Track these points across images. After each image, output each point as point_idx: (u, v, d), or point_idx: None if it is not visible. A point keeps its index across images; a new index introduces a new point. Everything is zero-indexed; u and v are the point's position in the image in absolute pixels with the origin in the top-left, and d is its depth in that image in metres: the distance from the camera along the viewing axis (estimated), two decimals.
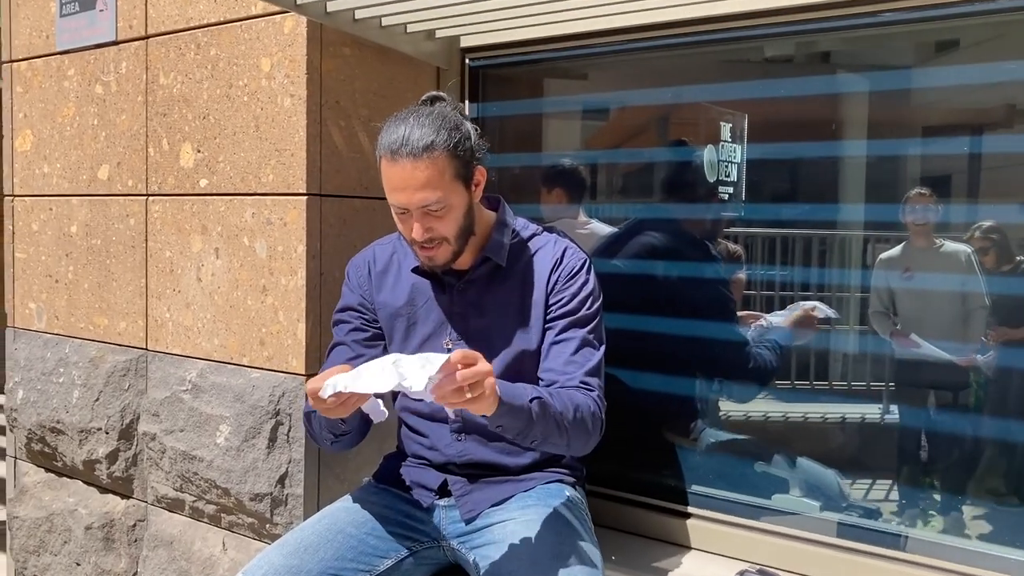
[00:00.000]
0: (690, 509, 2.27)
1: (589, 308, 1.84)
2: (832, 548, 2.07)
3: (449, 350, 1.84)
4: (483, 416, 1.55)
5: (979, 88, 2.01)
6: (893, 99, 2.14)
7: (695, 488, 2.29)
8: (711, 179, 2.31)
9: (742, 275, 2.32)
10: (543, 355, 1.83)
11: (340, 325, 1.98)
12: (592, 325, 1.84)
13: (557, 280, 1.85)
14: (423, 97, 1.82)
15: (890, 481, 2.17)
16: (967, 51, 2.05)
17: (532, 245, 1.90)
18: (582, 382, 1.77)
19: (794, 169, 2.30)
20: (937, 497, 2.10)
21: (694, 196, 2.37)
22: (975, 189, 2.08)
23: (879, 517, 2.12)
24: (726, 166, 2.32)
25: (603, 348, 1.85)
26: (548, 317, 1.85)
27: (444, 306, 1.89)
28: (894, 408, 2.18)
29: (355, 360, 1.89)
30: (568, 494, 1.90)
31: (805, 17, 2.06)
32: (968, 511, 2.04)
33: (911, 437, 2.16)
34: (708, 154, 2.30)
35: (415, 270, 1.92)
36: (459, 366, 1.43)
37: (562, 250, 1.88)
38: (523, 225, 1.93)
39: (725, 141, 2.30)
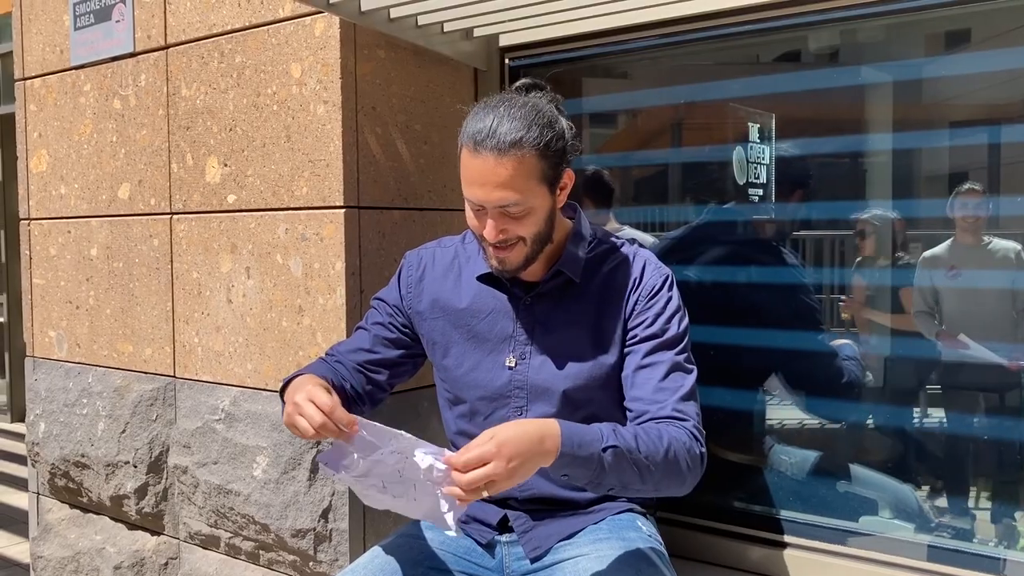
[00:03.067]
0: (763, 534, 2.11)
1: (676, 327, 1.66)
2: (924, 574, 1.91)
3: (511, 368, 1.70)
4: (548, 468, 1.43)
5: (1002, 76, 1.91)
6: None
7: (771, 511, 2.13)
8: (754, 177, 2.18)
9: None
10: (628, 383, 1.65)
11: (372, 311, 1.88)
12: (681, 346, 1.65)
13: (638, 301, 1.67)
14: (518, 83, 1.65)
15: (976, 496, 2.03)
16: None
17: (609, 260, 1.72)
18: (675, 410, 1.58)
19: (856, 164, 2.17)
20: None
21: (764, 196, 2.23)
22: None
23: (972, 538, 1.96)
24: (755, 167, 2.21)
25: (695, 372, 1.66)
26: (629, 341, 1.67)
27: (509, 320, 1.72)
28: (977, 416, 2.04)
29: (369, 354, 1.81)
30: (641, 524, 1.74)
31: (856, 1, 1.95)
32: None
33: (1006, 448, 2.01)
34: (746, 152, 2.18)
35: (481, 278, 1.75)
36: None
37: (641, 266, 1.70)
38: (600, 236, 1.76)
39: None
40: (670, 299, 1.67)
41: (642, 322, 1.65)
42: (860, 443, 2.21)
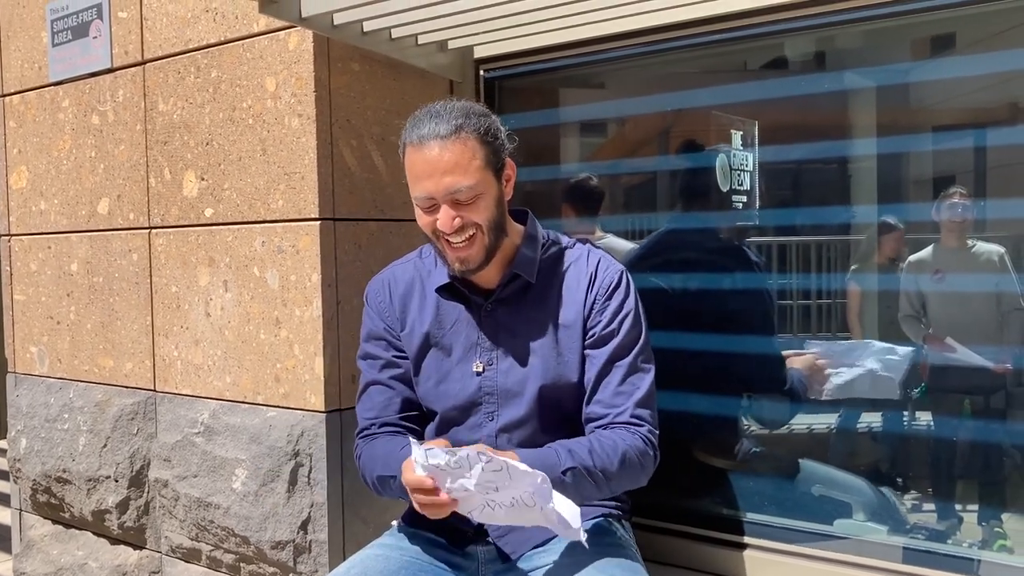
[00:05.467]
0: (740, 539, 2.11)
1: (633, 327, 1.70)
2: None
3: (479, 374, 1.72)
4: None
5: (987, 80, 1.93)
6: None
7: (749, 516, 2.13)
8: (725, 186, 2.20)
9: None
10: (588, 385, 1.69)
11: (370, 360, 1.81)
12: (639, 347, 1.70)
13: (595, 299, 1.70)
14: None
15: (950, 498, 2.04)
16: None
17: (564, 260, 1.76)
18: (633, 416, 1.65)
19: (835, 169, 2.18)
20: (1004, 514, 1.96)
21: (720, 203, 2.24)
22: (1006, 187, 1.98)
23: (947, 539, 1.97)
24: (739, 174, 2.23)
25: (652, 369, 1.71)
26: (589, 340, 1.70)
27: (473, 328, 1.74)
28: (950, 418, 2.05)
29: (400, 401, 1.78)
30: (616, 530, 1.76)
31: (828, 9, 1.95)
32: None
33: (986, 450, 2.02)
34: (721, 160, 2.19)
35: (440, 290, 1.77)
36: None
37: (595, 263, 1.73)
38: (553, 238, 1.79)
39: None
40: (626, 298, 1.70)
41: (599, 321, 1.68)
42: (848, 447, 2.23)
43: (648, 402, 1.67)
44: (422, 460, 1.44)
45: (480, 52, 2.44)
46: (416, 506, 1.51)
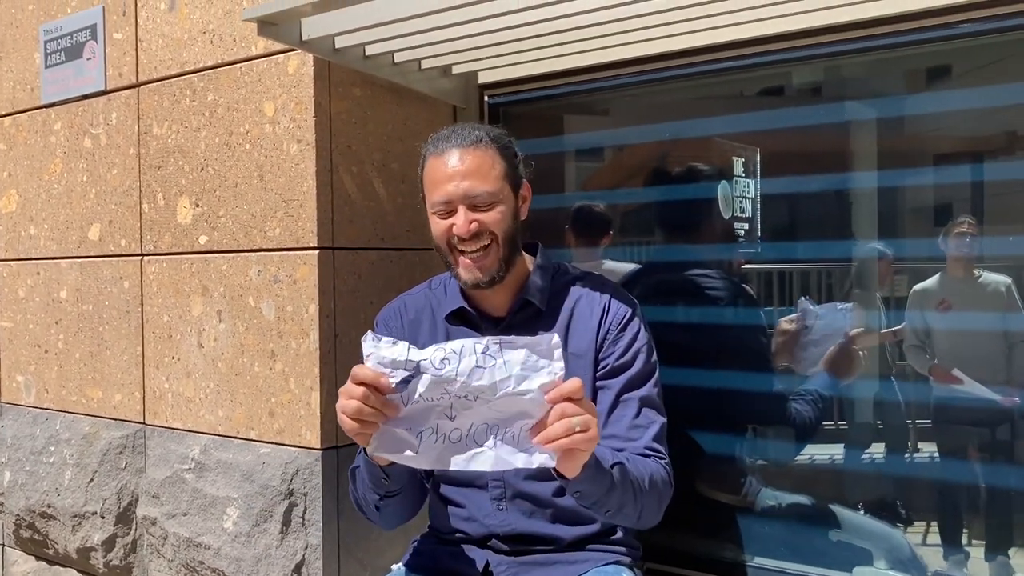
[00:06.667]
0: None
1: (646, 362, 1.66)
2: None
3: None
4: (562, 480, 1.37)
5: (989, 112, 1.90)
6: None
7: (759, 561, 2.05)
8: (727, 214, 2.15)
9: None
10: (601, 418, 1.63)
11: None
12: (652, 380, 1.66)
13: (608, 331, 1.66)
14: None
15: (970, 540, 1.97)
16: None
17: (575, 290, 1.72)
18: (649, 448, 1.60)
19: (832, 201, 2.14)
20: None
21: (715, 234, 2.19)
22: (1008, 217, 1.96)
23: None
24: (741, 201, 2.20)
25: (663, 407, 1.67)
26: (601, 371, 1.65)
27: None
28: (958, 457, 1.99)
29: None
30: None
31: (833, 39, 1.93)
32: None
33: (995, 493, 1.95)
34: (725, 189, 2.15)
35: (450, 316, 1.72)
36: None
37: (609, 296, 1.70)
38: (563, 268, 1.77)
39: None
40: (639, 331, 1.67)
41: (612, 353, 1.65)
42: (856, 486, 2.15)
43: (662, 437, 1.63)
44: (376, 351, 1.29)
45: (484, 77, 2.38)
46: (340, 415, 1.33)
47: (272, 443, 2.19)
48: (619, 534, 1.71)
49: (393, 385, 1.29)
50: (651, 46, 2.09)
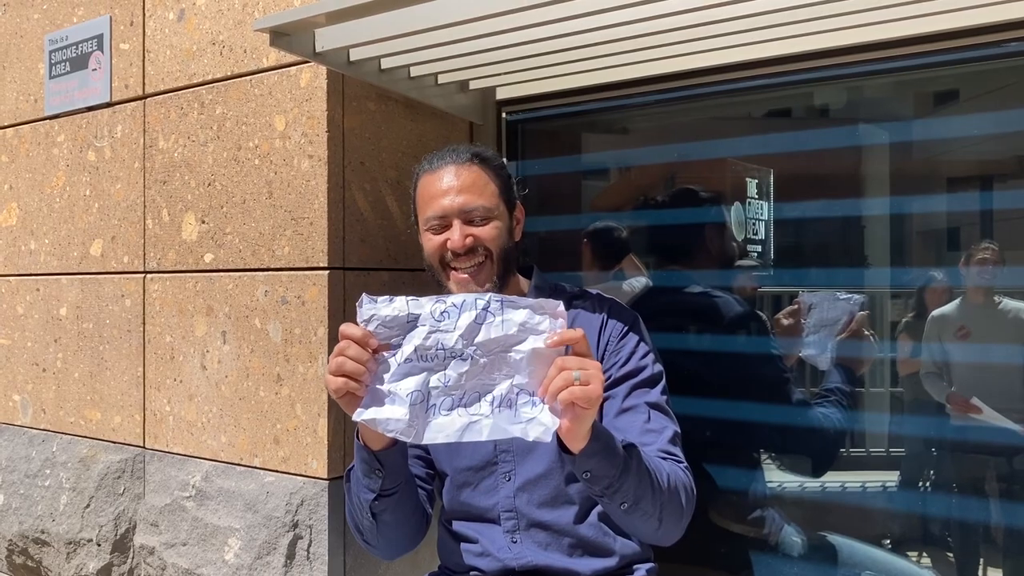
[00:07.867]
0: None
1: (652, 366, 1.61)
2: None
3: None
4: (569, 458, 1.30)
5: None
6: None
7: None
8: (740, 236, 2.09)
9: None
10: (610, 428, 1.53)
11: None
12: (659, 388, 1.60)
13: (608, 342, 1.62)
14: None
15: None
16: None
17: (572, 308, 1.66)
18: (665, 451, 1.51)
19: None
20: None
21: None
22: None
23: None
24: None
25: (672, 413, 1.59)
26: (605, 383, 1.56)
27: None
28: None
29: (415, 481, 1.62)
30: None
31: (855, 59, 1.88)
32: None
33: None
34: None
35: None
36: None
37: (606, 308, 1.65)
38: (560, 289, 1.73)
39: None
40: (641, 339, 1.63)
41: (615, 363, 1.60)
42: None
43: (677, 442, 1.54)
44: (377, 311, 1.27)
45: (503, 93, 2.31)
46: (326, 377, 1.29)
47: (277, 471, 2.10)
48: (639, 572, 1.62)
49: (391, 343, 1.28)
50: (673, 63, 2.03)
